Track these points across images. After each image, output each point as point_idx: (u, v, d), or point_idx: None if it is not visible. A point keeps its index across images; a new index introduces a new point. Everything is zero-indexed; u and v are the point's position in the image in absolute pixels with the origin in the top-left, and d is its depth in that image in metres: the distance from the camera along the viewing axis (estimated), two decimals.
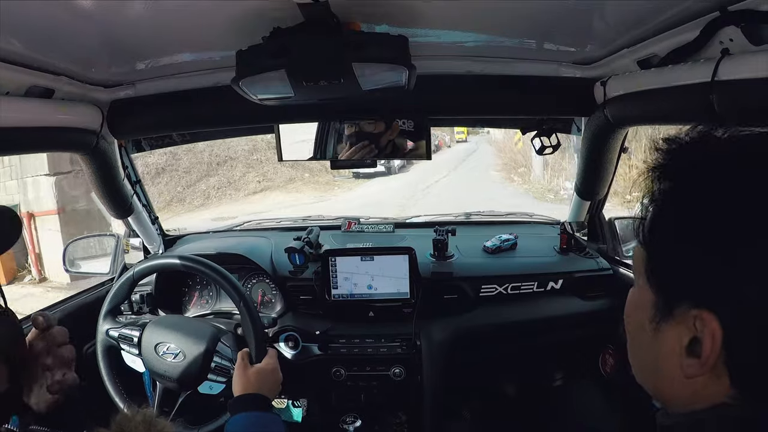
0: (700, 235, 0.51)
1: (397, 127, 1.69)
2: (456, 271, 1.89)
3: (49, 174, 7.54)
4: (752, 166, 0.50)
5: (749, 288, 0.48)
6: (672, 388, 0.56)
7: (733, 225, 0.49)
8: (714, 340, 0.49)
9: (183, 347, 1.55)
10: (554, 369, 2.19)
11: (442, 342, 1.80)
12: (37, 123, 1.31)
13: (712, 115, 0.97)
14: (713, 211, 0.50)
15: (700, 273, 0.51)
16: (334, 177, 18.55)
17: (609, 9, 1.11)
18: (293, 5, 1.00)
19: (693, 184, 0.53)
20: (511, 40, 1.38)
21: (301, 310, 1.91)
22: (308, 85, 1.21)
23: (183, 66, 1.49)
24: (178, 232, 2.37)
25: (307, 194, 16.42)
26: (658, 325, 0.56)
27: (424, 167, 19.42)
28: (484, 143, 30.24)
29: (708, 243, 0.50)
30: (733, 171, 0.51)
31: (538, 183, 15.05)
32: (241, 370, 1.43)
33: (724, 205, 0.50)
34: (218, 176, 17.47)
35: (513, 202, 11.10)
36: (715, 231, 0.50)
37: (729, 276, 0.49)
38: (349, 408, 1.81)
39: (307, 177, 18.73)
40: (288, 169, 18.51)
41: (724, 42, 0.95)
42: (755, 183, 0.49)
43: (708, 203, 0.51)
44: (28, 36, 1.06)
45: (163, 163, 16.33)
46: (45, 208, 7.88)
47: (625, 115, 1.40)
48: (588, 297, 1.91)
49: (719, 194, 0.50)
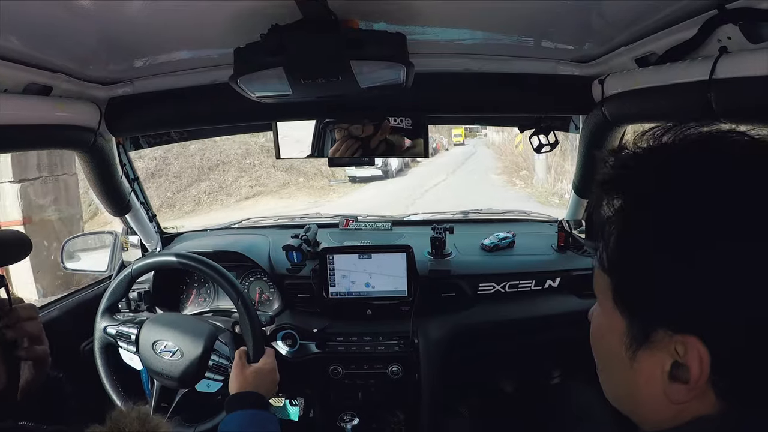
0: (667, 249, 0.49)
1: (388, 126, 1.69)
2: (454, 269, 1.89)
3: (13, 181, 7.07)
4: (708, 171, 0.49)
5: (731, 304, 0.46)
6: (654, 412, 0.54)
7: (702, 234, 0.47)
8: (702, 364, 0.47)
9: (181, 345, 1.55)
10: (552, 367, 2.19)
11: (439, 340, 1.80)
12: (35, 120, 1.31)
13: (709, 113, 0.97)
14: (678, 223, 0.48)
15: (674, 294, 0.49)
16: (329, 181, 18.16)
17: (607, 7, 1.11)
18: (291, 2, 1.00)
19: (648, 197, 0.51)
20: (510, 38, 1.38)
21: (299, 308, 1.92)
22: (306, 82, 1.21)
23: (181, 63, 1.49)
24: (176, 230, 2.37)
25: (301, 200, 16.16)
26: (634, 353, 0.53)
27: (423, 170, 19.01)
28: (482, 146, 29.88)
29: (677, 255, 0.48)
30: (691, 176, 0.49)
31: (541, 187, 14.89)
32: (239, 369, 1.43)
33: (689, 214, 0.48)
34: (210, 181, 17.20)
35: (517, 207, 10.73)
36: (684, 242, 0.48)
37: (707, 293, 0.47)
38: (347, 406, 1.81)
39: (302, 182, 18.37)
40: (282, 174, 18.22)
41: (722, 40, 0.95)
42: (712, 189, 0.47)
43: (670, 215, 0.49)
44: (26, 33, 1.06)
45: (153, 168, 16.14)
46: (10, 218, 7.42)
47: (623, 113, 1.40)
48: (585, 295, 1.90)
49: (677, 205, 0.48)
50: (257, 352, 1.53)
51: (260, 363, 1.48)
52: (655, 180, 0.51)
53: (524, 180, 16.30)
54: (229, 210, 15.07)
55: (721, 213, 0.47)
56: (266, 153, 17.98)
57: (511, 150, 20.09)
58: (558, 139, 1.83)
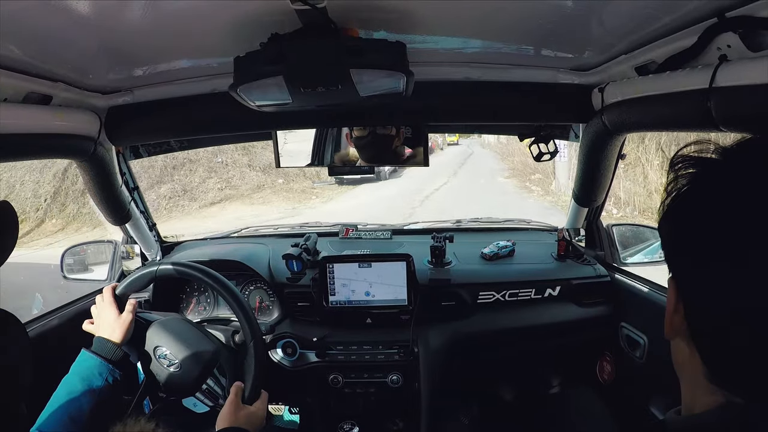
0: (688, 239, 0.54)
1: (402, 131, 1.71)
2: (453, 278, 1.89)
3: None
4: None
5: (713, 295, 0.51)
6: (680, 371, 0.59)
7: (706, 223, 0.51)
8: (669, 299, 0.56)
9: (181, 359, 1.51)
10: (551, 375, 2.19)
11: (439, 349, 1.80)
12: (35, 129, 1.31)
13: (709, 122, 0.97)
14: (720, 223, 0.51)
15: (678, 250, 0.56)
16: (313, 183, 16.39)
17: (607, 15, 1.11)
18: (291, 11, 1.00)
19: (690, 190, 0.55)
20: (509, 47, 1.38)
21: (299, 317, 1.91)
22: (306, 91, 1.21)
23: (181, 72, 1.49)
24: (176, 239, 2.37)
25: (276, 206, 14.52)
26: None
27: (419, 172, 16.30)
28: (477, 146, 29.33)
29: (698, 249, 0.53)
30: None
31: (564, 194, 12.37)
32: (232, 407, 1.42)
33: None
34: (173, 183, 15.25)
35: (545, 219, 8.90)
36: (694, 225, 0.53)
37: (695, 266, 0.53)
38: (347, 414, 1.81)
39: (280, 183, 16.61)
40: (258, 175, 16.52)
41: (721, 48, 0.95)
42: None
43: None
44: (27, 42, 1.06)
45: None
46: None
47: (622, 121, 1.40)
48: (585, 304, 1.90)
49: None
50: (254, 394, 1.50)
51: (254, 407, 1.47)
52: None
53: (540, 185, 14.40)
54: (189, 219, 13.40)
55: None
56: (241, 150, 16.53)
57: (521, 150, 17.44)
58: (558, 148, 1.83)
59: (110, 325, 1.44)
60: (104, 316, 1.47)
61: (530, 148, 1.85)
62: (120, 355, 1.40)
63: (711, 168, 0.53)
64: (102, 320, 1.46)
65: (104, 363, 1.35)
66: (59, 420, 1.21)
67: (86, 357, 1.35)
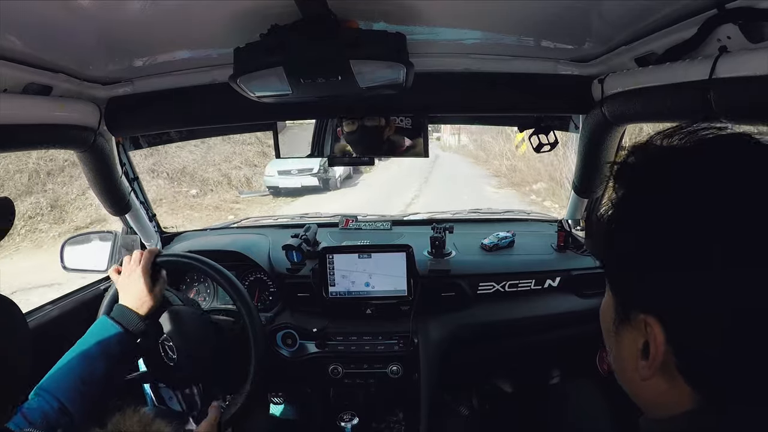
0: (644, 243, 0.52)
1: (394, 123, 1.70)
2: (453, 269, 1.89)
3: None
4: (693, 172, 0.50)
5: (692, 295, 0.48)
6: (637, 390, 0.58)
7: (674, 231, 0.49)
8: (657, 344, 0.50)
9: (181, 357, 1.52)
10: (552, 367, 2.19)
11: (439, 340, 1.81)
12: (35, 120, 1.31)
13: (709, 113, 0.97)
14: (655, 218, 0.51)
15: (645, 279, 0.52)
16: (239, 193, 13.55)
17: (607, 6, 1.11)
18: (291, 2, 1.00)
19: (637, 191, 0.54)
20: (509, 38, 1.38)
21: (299, 308, 1.92)
22: (306, 82, 1.21)
23: (181, 63, 1.49)
24: (175, 229, 2.37)
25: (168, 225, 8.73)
26: (617, 328, 0.58)
27: (379, 179, 14.89)
28: (437, 149, 24.92)
29: (651, 250, 0.51)
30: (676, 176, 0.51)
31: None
32: (209, 427, 1.30)
33: (665, 210, 0.50)
34: (43, 194, 11.56)
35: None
36: (657, 239, 0.51)
37: (671, 282, 0.50)
38: (347, 406, 1.81)
39: (193, 195, 12.95)
40: (160, 183, 12.90)
41: (722, 39, 0.95)
42: (690, 187, 0.50)
43: (661, 216, 0.51)
44: (27, 33, 1.06)
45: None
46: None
47: (622, 112, 1.40)
48: (585, 295, 1.91)
49: (670, 207, 0.50)
50: (237, 415, 1.51)
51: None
52: (652, 181, 0.53)
53: (548, 195, 11.47)
54: (39, 254, 9.61)
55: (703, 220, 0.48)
56: (146, 152, 12.07)
57: (499, 152, 16.32)
58: (558, 139, 1.83)
59: (139, 296, 1.41)
60: (136, 283, 1.43)
61: (530, 139, 1.85)
62: (141, 329, 1.38)
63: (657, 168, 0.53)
64: (132, 287, 1.43)
65: (124, 333, 1.33)
66: (70, 381, 1.20)
67: (107, 324, 1.34)
